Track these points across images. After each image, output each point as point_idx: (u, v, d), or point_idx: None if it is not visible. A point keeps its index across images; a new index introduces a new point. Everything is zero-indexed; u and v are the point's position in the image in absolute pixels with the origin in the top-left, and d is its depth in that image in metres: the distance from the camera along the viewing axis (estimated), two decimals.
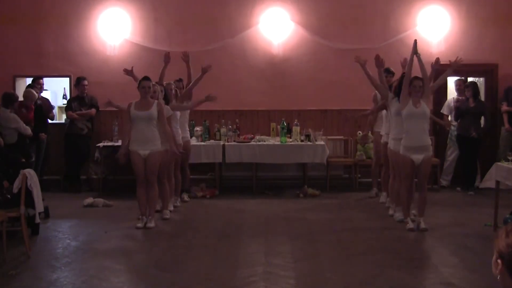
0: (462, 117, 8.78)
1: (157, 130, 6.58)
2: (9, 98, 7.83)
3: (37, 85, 8.90)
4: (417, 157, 6.29)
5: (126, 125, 6.68)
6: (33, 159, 8.18)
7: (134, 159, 6.54)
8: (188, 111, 7.93)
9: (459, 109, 8.84)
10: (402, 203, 6.64)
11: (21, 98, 8.36)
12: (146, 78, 6.63)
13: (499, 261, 1.87)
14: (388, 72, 8.03)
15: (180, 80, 8.19)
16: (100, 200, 7.93)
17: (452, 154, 9.15)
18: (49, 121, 9.12)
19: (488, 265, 5.34)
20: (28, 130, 8.00)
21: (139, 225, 6.56)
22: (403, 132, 6.41)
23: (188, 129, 8.10)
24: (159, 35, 9.49)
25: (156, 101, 6.68)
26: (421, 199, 6.50)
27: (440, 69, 7.01)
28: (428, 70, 6.66)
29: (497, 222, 6.45)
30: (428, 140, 6.40)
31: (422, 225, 6.37)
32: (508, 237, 1.86)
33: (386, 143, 7.13)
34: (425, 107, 6.32)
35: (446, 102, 9.19)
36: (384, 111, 7.35)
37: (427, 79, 6.49)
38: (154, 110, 6.52)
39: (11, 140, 7.69)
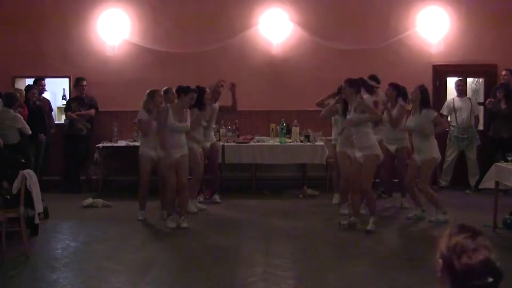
0: (493, 119, 8.76)
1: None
2: (12, 98, 7.82)
3: (38, 86, 8.91)
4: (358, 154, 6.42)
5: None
6: (32, 160, 8.16)
7: (171, 163, 6.60)
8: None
9: (491, 112, 8.83)
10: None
11: None
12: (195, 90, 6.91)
13: (440, 261, 1.92)
14: (372, 79, 7.98)
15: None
16: (100, 201, 7.93)
17: (451, 154, 9.14)
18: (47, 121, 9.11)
19: None
20: (29, 130, 7.99)
21: (173, 225, 6.57)
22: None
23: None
24: (158, 35, 9.48)
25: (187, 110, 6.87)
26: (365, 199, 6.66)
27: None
28: None
29: (496, 223, 6.45)
30: (367, 142, 6.40)
31: (370, 227, 6.35)
32: (450, 240, 1.90)
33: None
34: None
35: (446, 103, 9.18)
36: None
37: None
38: (189, 121, 6.78)
39: (14, 140, 7.68)
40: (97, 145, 8.84)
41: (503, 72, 8.99)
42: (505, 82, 8.86)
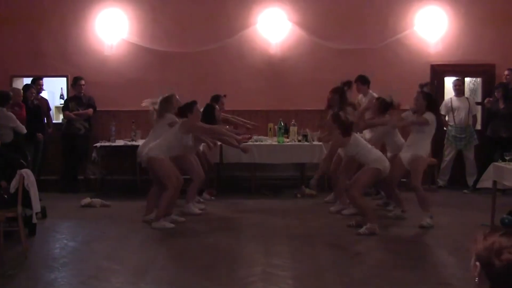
0: (492, 119, 8.75)
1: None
2: (4, 97, 7.80)
3: (36, 85, 8.88)
4: None
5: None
6: (29, 158, 8.14)
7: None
8: None
9: (490, 111, 8.82)
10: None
11: None
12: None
13: (477, 263, 1.93)
14: (360, 80, 7.98)
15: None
16: (98, 201, 7.90)
17: (449, 154, 9.14)
18: (45, 120, 9.09)
19: None
20: (24, 129, 7.96)
21: (171, 225, 6.61)
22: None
23: None
24: (156, 35, 9.47)
25: None
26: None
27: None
28: None
29: (494, 222, 6.46)
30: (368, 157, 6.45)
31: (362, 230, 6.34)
32: (486, 241, 1.92)
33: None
34: None
35: (444, 102, 9.19)
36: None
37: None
38: None
39: (7, 139, 7.66)
40: (95, 145, 8.82)
41: (506, 72, 8.98)
42: (507, 82, 8.88)
